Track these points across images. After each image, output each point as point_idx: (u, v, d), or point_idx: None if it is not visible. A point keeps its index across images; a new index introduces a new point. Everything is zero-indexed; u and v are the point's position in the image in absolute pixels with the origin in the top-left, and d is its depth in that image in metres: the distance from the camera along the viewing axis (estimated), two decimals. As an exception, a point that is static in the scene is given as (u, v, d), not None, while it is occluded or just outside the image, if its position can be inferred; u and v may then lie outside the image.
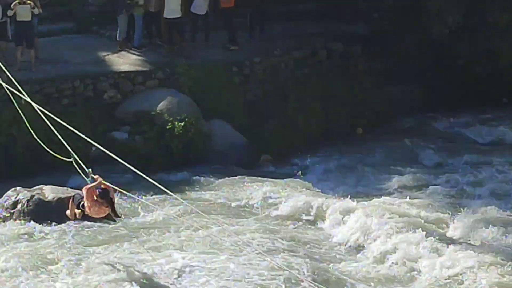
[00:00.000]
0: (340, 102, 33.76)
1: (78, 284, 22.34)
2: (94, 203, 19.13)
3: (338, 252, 24.80)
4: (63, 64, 31.67)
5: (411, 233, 24.68)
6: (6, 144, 29.39)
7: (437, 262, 23.59)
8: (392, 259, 23.94)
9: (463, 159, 31.20)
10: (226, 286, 22.13)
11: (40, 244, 24.38)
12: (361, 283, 22.83)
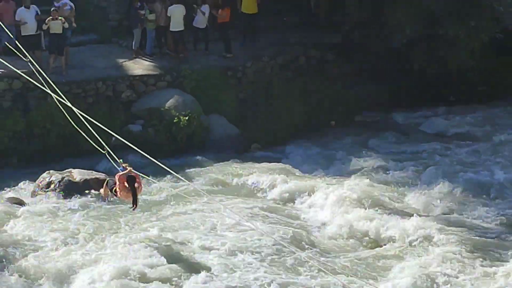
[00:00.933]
0: (317, 99, 33.88)
1: (102, 250, 22.67)
2: (124, 188, 19.30)
3: (309, 222, 25.13)
4: (88, 69, 31.67)
5: (371, 210, 25.03)
6: (42, 135, 29.43)
7: (391, 228, 24.05)
8: (353, 228, 24.30)
9: (417, 146, 31.34)
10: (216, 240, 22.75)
11: (68, 217, 24.65)
12: (326, 247, 23.27)
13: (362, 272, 21.84)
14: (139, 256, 22.06)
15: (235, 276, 21.23)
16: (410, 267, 21.85)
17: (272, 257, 22.16)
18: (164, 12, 33.22)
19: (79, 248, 22.83)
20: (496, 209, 25.82)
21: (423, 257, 22.34)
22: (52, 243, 23.11)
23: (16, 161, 29.30)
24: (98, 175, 26.61)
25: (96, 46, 34.49)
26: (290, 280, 21.14)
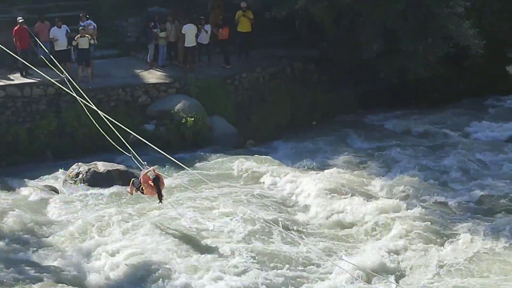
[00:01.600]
0: (300, 103, 33.81)
1: (121, 229, 22.60)
2: (149, 186, 19.24)
3: (294, 205, 25.12)
4: (110, 78, 31.55)
5: (345, 195, 24.98)
6: (71, 133, 29.36)
7: (363, 210, 24.02)
8: (330, 210, 24.31)
9: (383, 142, 31.31)
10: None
11: (93, 202, 24.69)
12: (308, 226, 23.29)
13: (337, 247, 21.85)
14: (152, 234, 22.04)
15: (233, 248, 21.31)
16: (377, 243, 21.92)
17: (261, 235, 22.18)
18: (174, 30, 33.22)
19: (102, 228, 22.76)
20: (447, 192, 25.92)
21: (388, 234, 22.38)
22: (80, 224, 23.10)
23: (51, 155, 29.17)
24: (118, 167, 26.60)
25: (117, 59, 34.32)
26: (276, 252, 21.20)
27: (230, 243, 21.60)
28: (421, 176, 27.00)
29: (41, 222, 23.23)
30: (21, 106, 29.41)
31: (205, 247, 21.31)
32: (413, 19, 33.20)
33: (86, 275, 20.37)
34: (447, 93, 36.41)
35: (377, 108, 35.07)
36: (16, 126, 29.10)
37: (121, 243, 21.55)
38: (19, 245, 21.64)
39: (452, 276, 19.95)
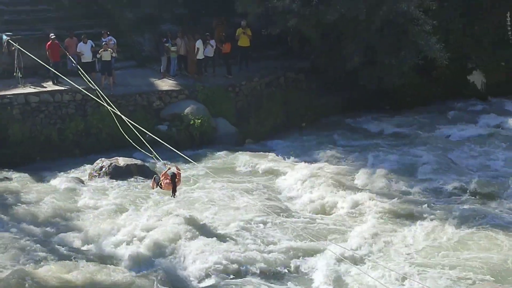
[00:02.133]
0: (293, 108, 33.81)
1: (138, 215, 22.63)
2: (167, 182, 19.25)
3: (286, 195, 25.04)
4: (129, 86, 31.56)
5: (331, 186, 24.91)
6: (96, 133, 29.37)
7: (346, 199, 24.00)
8: (318, 200, 24.21)
9: (364, 141, 31.33)
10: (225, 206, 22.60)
11: (114, 192, 24.71)
12: (298, 214, 23.21)
13: (324, 231, 21.82)
14: (166, 218, 22.08)
15: (234, 231, 21.36)
16: (359, 227, 21.88)
17: (259, 220, 22.14)
18: (183, 45, 33.25)
19: (122, 214, 22.83)
20: (418, 183, 25.84)
21: (368, 219, 22.36)
22: (103, 210, 23.16)
23: (78, 152, 29.18)
24: (136, 162, 26.56)
25: (135, 70, 34.29)
26: (272, 235, 21.21)
27: (232, 227, 21.60)
28: (395, 169, 27.00)
29: (70, 208, 23.28)
30: (53, 110, 29.40)
31: (209, 230, 21.33)
32: (389, 35, 33.26)
33: (108, 253, 20.40)
34: (417, 98, 36.52)
35: (358, 111, 35.04)
36: (49, 127, 29.10)
37: (139, 226, 21.52)
38: (52, 227, 21.71)
39: (423, 255, 19.91)
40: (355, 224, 22.17)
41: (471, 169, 27.19)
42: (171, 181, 19.67)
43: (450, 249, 20.16)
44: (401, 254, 20.10)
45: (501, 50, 38.65)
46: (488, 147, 29.85)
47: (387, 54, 33.25)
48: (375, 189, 25.08)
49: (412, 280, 17.92)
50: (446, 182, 25.65)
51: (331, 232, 21.70)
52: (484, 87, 38.80)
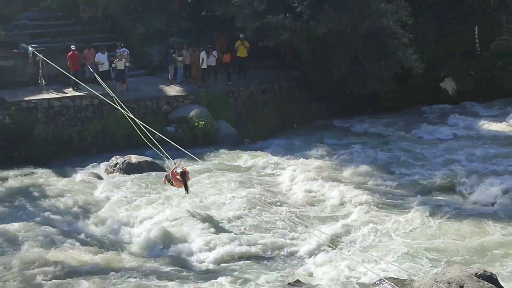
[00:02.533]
0: (286, 112, 33.79)
1: (149, 206, 22.81)
2: (177, 180, 19.22)
3: (280, 188, 25.08)
4: (140, 92, 31.67)
5: (319, 180, 25.04)
6: (111, 134, 29.44)
7: (332, 191, 24.08)
8: (308, 192, 24.31)
9: (349, 140, 31.30)
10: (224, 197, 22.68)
11: (128, 186, 24.77)
12: (290, 204, 23.23)
13: (313, 219, 21.96)
14: (174, 208, 22.23)
15: (233, 218, 21.49)
16: (343, 217, 21.94)
17: (256, 210, 22.24)
18: (189, 56, 33.34)
19: (135, 205, 22.97)
20: (397, 177, 25.97)
21: (351, 209, 22.41)
22: (118, 200, 23.34)
23: (95, 150, 29.29)
24: (147, 159, 26.64)
25: (145, 77, 34.41)
26: (266, 223, 21.33)
27: (230, 216, 21.70)
28: (376, 165, 27.03)
29: (88, 200, 23.38)
30: (73, 113, 29.56)
31: (212, 218, 21.42)
32: (371, 47, 33.44)
33: (122, 240, 20.58)
34: (396, 103, 36.65)
35: (344, 115, 35.03)
36: (69, 129, 29.25)
37: (150, 215, 21.69)
38: (72, 217, 21.82)
39: (399, 241, 19.92)
40: (340, 214, 22.23)
41: (442, 165, 27.19)
42: (181, 178, 19.68)
43: (424, 236, 20.26)
44: (380, 241, 20.18)
45: (470, 60, 38.89)
46: (456, 146, 29.91)
47: (369, 64, 33.46)
48: (358, 182, 25.14)
49: (389, 264, 17.97)
50: (420, 176, 25.71)
51: (319, 221, 21.78)
52: (455, 93, 38.97)
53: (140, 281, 17.46)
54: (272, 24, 32.84)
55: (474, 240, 19.82)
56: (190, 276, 17.93)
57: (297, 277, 17.90)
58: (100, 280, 17.44)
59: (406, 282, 15.84)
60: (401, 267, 17.70)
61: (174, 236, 20.32)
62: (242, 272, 18.18)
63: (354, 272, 18.04)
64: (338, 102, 35.00)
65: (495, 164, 27.12)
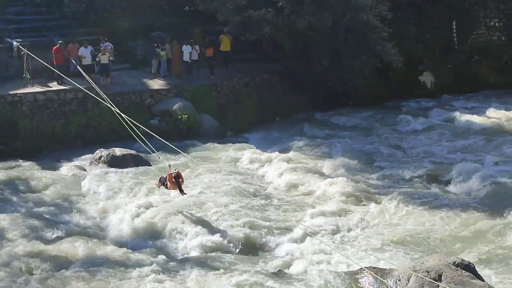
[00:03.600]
0: (267, 105, 33.71)
1: (134, 196, 22.76)
2: (172, 182, 19.08)
3: (262, 180, 25.11)
4: (124, 85, 31.53)
5: (301, 172, 25.05)
6: (96, 127, 29.35)
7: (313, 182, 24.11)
8: (289, 184, 24.31)
9: (329, 132, 31.37)
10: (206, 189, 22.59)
11: (112, 178, 24.64)
12: (272, 196, 23.23)
13: (293, 212, 21.92)
14: (156, 198, 22.15)
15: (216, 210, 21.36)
16: (324, 208, 21.88)
17: (238, 202, 22.19)
18: (171, 50, 33.27)
19: (120, 196, 22.96)
20: (376, 169, 26.05)
21: (332, 203, 22.31)
22: (102, 192, 23.32)
23: (80, 143, 29.15)
24: (131, 152, 26.50)
25: (129, 71, 34.26)
26: (249, 215, 21.25)
27: (214, 208, 21.59)
28: (356, 157, 27.00)
29: (73, 192, 23.36)
30: (57, 106, 29.42)
31: (196, 210, 21.38)
32: (352, 42, 33.47)
33: (107, 231, 20.53)
34: (376, 97, 36.64)
35: (325, 108, 34.95)
36: (54, 122, 29.11)
37: (133, 207, 21.57)
38: (57, 210, 21.76)
39: (380, 231, 20.03)
40: (321, 205, 22.19)
41: (420, 157, 27.35)
42: (175, 181, 19.50)
43: (403, 226, 20.31)
44: (360, 231, 20.25)
45: (448, 55, 39.06)
46: (435, 137, 30.07)
47: (350, 58, 33.47)
48: (339, 174, 25.10)
49: (369, 253, 18.04)
50: (399, 168, 25.79)
51: (300, 212, 21.78)
52: (433, 86, 39.11)
53: (124, 272, 17.43)
54: (254, 18, 32.79)
55: (452, 230, 19.93)
56: (174, 267, 17.88)
57: (278, 267, 17.91)
58: (84, 272, 17.39)
59: (386, 271, 15.90)
60: (381, 256, 17.73)
61: (157, 228, 20.27)
62: (224, 263, 18.16)
63: (334, 262, 18.10)
64: (319, 95, 34.99)
65: (473, 155, 27.27)
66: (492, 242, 19.01)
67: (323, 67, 33.77)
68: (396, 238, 19.35)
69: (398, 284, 14.94)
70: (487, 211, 21.11)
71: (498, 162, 26.10)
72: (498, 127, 31.41)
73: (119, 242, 19.72)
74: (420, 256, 17.85)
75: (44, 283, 16.81)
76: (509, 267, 17.57)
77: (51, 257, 18.11)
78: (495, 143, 28.74)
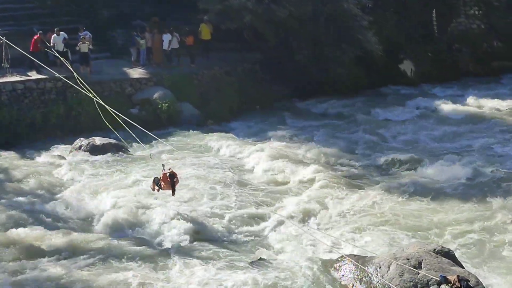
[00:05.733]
0: (248, 93, 33.61)
1: (112, 183, 22.60)
2: (167, 182, 18.93)
3: (243, 169, 24.96)
4: (104, 74, 31.32)
5: (281, 160, 24.94)
6: (75, 116, 29.12)
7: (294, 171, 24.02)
8: (274, 170, 24.33)
9: (310, 121, 31.35)
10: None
11: (91, 167, 24.52)
12: (253, 184, 23.17)
13: (274, 201, 21.81)
14: (137, 186, 22.11)
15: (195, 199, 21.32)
16: (305, 197, 21.88)
17: (222, 190, 22.14)
18: (151, 39, 33.11)
19: (99, 184, 22.78)
20: (356, 157, 26.07)
21: (313, 192, 22.26)
22: (82, 181, 23.12)
23: (60, 133, 28.89)
24: (111, 141, 26.29)
25: (109, 60, 34.11)
26: (229, 204, 21.22)
27: (193, 196, 21.50)
28: (337, 145, 27.06)
29: (52, 182, 23.15)
30: (37, 95, 29.14)
31: (176, 199, 21.16)
32: (332, 30, 33.44)
33: (87, 220, 20.37)
34: (356, 85, 36.63)
35: (306, 97, 34.98)
36: (33, 111, 28.81)
37: (114, 197, 21.42)
38: (36, 198, 21.51)
39: (360, 220, 20.03)
40: (302, 194, 22.17)
41: (400, 145, 27.46)
42: (170, 180, 19.33)
43: (384, 214, 20.30)
44: (341, 219, 20.19)
45: (428, 43, 39.14)
46: (415, 125, 30.19)
47: (331, 47, 33.45)
48: (320, 162, 25.09)
49: (351, 241, 18.05)
50: (379, 156, 25.83)
51: (281, 200, 21.71)
52: (414, 74, 39.22)
53: (105, 261, 17.31)
54: (234, 7, 32.71)
55: (432, 218, 19.97)
56: (155, 256, 17.78)
57: (259, 256, 17.86)
58: (65, 261, 17.27)
59: (367, 259, 15.90)
60: (362, 244, 17.78)
61: (138, 217, 20.14)
62: (206, 252, 18.08)
63: (316, 250, 18.09)
64: (300, 84, 34.96)
65: (453, 143, 27.45)
66: (471, 229, 19.08)
67: (304, 56, 33.73)
68: (376, 225, 19.38)
69: (379, 272, 14.94)
70: (467, 199, 21.16)
71: (479, 149, 26.23)
72: (477, 115, 31.57)
73: (100, 231, 19.55)
74: (401, 244, 17.81)
75: (23, 272, 16.64)
76: (489, 253, 17.66)
77: (31, 246, 17.95)
78: (475, 131, 28.91)
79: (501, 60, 40.17)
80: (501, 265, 16.96)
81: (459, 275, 13.80)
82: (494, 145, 26.86)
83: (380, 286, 14.71)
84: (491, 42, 40.48)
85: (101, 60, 33.57)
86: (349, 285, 15.19)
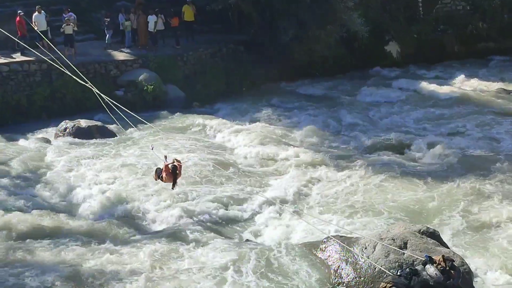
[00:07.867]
0: (234, 75, 33.62)
1: (96, 165, 22.52)
2: (169, 174, 18.80)
3: (229, 151, 24.89)
4: (89, 56, 31.23)
5: (267, 142, 24.98)
6: (61, 98, 29.05)
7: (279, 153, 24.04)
8: (256, 154, 24.25)
9: (296, 103, 31.34)
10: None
11: (77, 149, 24.45)
12: (237, 166, 23.14)
13: (260, 182, 21.81)
14: (122, 171, 22.03)
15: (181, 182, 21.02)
16: (290, 178, 21.89)
17: (206, 173, 22.08)
18: (136, 20, 32.93)
19: (83, 167, 22.68)
20: (341, 138, 26.14)
21: (299, 173, 22.26)
22: (68, 164, 23.01)
23: (45, 115, 28.82)
24: (96, 123, 26.29)
25: (93, 42, 34.08)
26: (215, 188, 21.18)
27: (180, 179, 21.06)
28: (322, 127, 27.16)
29: (38, 165, 23.04)
30: (22, 78, 29.05)
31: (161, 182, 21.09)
32: (317, 11, 33.29)
33: (72, 203, 20.31)
34: (342, 67, 36.65)
35: (291, 78, 34.92)
36: (18, 94, 28.76)
37: (98, 178, 21.43)
38: (22, 181, 21.46)
39: (346, 201, 20.03)
40: (288, 175, 22.14)
41: (386, 126, 27.50)
42: (172, 172, 19.20)
43: (369, 195, 20.33)
44: (327, 200, 20.22)
45: (413, 24, 39.12)
46: (400, 107, 30.24)
47: (316, 28, 33.36)
48: (306, 144, 25.12)
49: (336, 222, 18.05)
50: (365, 137, 25.86)
51: (267, 182, 21.72)
52: (399, 56, 39.21)
53: (91, 243, 17.23)
54: (219, -13, 32.60)
55: (417, 198, 19.98)
56: (141, 239, 17.71)
57: (246, 238, 17.86)
58: (51, 243, 17.14)
59: (353, 239, 15.91)
60: (347, 225, 17.81)
61: (124, 199, 20.08)
62: (192, 234, 18.02)
63: (301, 231, 18.05)
64: (286, 66, 34.87)
65: (438, 125, 27.48)
66: (456, 210, 19.10)
67: (289, 38, 33.60)
68: (362, 206, 19.41)
69: (364, 252, 14.96)
70: (452, 180, 21.18)
71: (464, 131, 26.30)
72: (463, 97, 31.57)
73: (85, 214, 19.44)
74: (386, 224, 17.85)
75: (7, 254, 16.54)
76: (474, 234, 17.71)
77: (16, 229, 17.79)
78: (460, 113, 28.94)
79: (486, 41, 40.20)
80: (486, 245, 17.01)
81: (444, 255, 13.85)
82: (480, 127, 26.89)
83: (366, 266, 14.72)
84: (476, 24, 40.45)
85: (86, 41, 33.47)
86: (334, 266, 15.20)
